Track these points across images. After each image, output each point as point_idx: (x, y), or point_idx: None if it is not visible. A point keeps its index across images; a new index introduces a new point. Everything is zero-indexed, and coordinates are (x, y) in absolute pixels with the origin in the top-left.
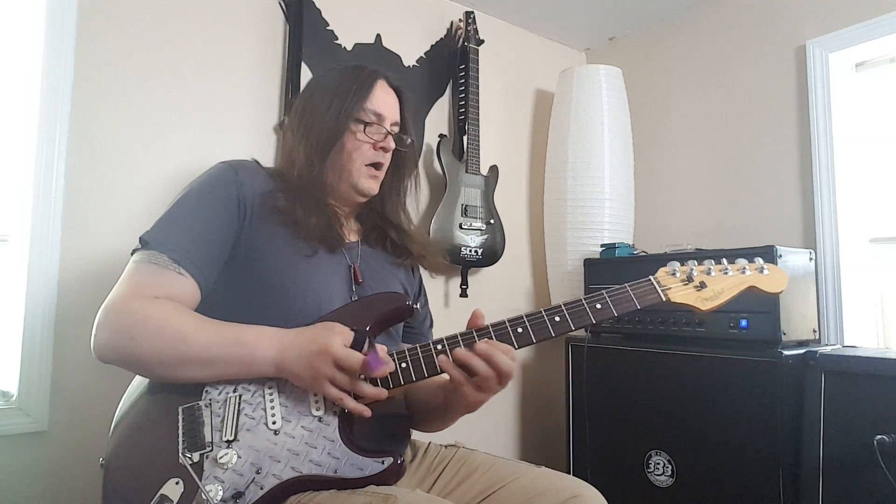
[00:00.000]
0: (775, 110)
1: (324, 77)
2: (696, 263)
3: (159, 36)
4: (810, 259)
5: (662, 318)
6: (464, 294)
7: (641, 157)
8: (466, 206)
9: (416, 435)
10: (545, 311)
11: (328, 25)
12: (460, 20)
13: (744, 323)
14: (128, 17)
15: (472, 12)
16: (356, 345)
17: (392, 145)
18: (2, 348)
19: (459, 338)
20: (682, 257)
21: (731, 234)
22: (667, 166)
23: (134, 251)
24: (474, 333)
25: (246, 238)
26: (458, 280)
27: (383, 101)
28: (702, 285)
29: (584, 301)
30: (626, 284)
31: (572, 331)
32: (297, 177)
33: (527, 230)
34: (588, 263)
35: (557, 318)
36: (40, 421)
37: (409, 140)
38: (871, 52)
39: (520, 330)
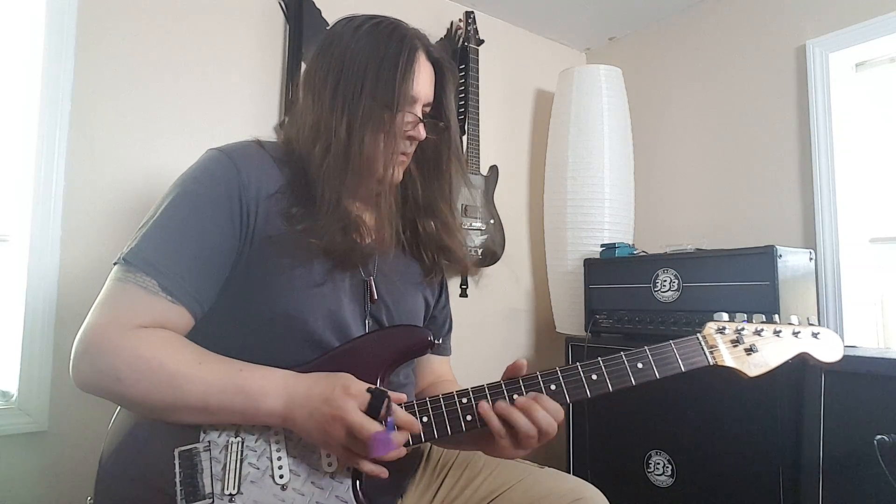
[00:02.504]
0: (775, 110)
1: (354, 38)
2: (745, 318)
3: (159, 36)
4: (810, 259)
5: (662, 319)
6: (464, 294)
7: (641, 157)
8: (466, 206)
9: None
10: (582, 366)
11: (328, 25)
12: (460, 20)
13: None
14: (128, 18)
15: (472, 12)
16: (372, 409)
17: (422, 135)
18: (2, 348)
19: (487, 390)
20: (683, 257)
21: (731, 234)
22: (667, 166)
23: (116, 263)
24: (503, 386)
25: (248, 255)
26: (457, 280)
27: (420, 82)
28: (752, 349)
29: (623, 357)
30: (670, 342)
31: (609, 392)
32: (335, 156)
33: (527, 230)
34: (588, 263)
35: (595, 377)
36: (40, 421)
37: (442, 124)
38: (871, 52)
39: (553, 387)
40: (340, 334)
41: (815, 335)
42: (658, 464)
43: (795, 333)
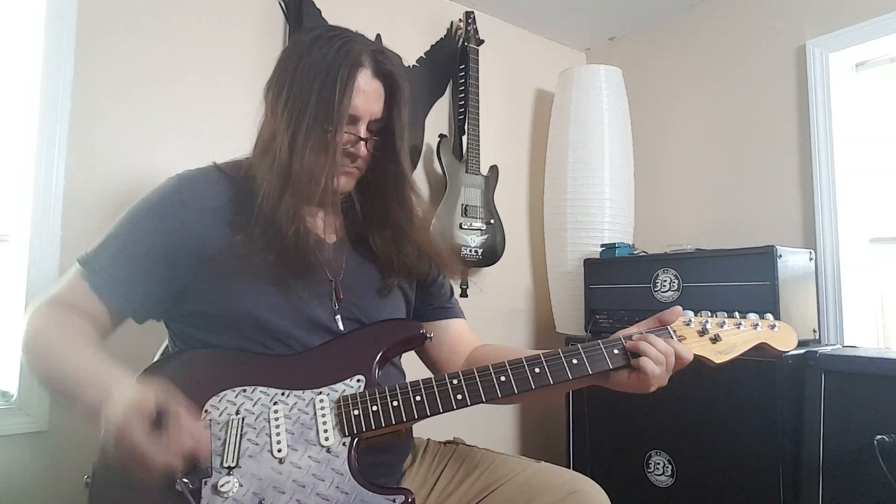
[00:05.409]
0: (775, 110)
1: (307, 53)
2: (709, 315)
3: (159, 36)
4: (810, 259)
5: None
6: (464, 294)
7: (641, 157)
8: (466, 206)
9: (414, 433)
10: (563, 352)
11: None
12: (460, 20)
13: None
14: (128, 18)
15: (472, 12)
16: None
17: (363, 152)
18: (2, 348)
19: (475, 373)
20: (683, 257)
21: (731, 234)
22: (667, 166)
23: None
24: (491, 368)
25: (199, 263)
26: (458, 280)
27: (361, 100)
28: (716, 338)
29: (601, 345)
30: (643, 332)
31: (589, 374)
32: (278, 170)
33: (527, 230)
34: (588, 263)
35: (575, 361)
36: (40, 421)
37: (390, 139)
38: (871, 52)
39: (537, 370)
40: (311, 331)
41: (772, 327)
42: (658, 464)
43: (755, 325)
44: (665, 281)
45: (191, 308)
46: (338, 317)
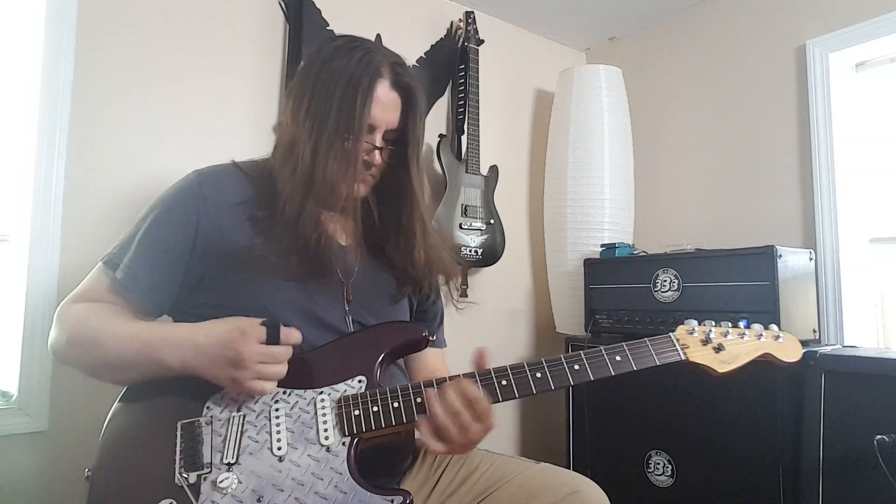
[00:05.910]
0: (775, 110)
1: (329, 62)
2: (713, 324)
3: (159, 35)
4: (810, 259)
5: (662, 319)
6: (463, 294)
7: (641, 157)
8: (466, 206)
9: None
10: (565, 357)
11: (328, 25)
12: (460, 20)
13: (744, 322)
14: (127, 18)
15: (472, 12)
16: (271, 339)
17: (378, 160)
18: (2, 348)
19: (475, 376)
20: (683, 257)
21: (731, 234)
22: (667, 166)
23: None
24: (492, 372)
25: (216, 256)
26: (459, 286)
27: (379, 110)
28: (720, 347)
29: (603, 350)
30: (645, 339)
31: (591, 381)
32: (300, 177)
33: (527, 230)
34: (588, 263)
35: (577, 367)
36: (40, 421)
37: (403, 149)
38: (871, 52)
39: (538, 375)
40: (321, 329)
41: (776, 338)
42: (658, 464)
43: (759, 336)
44: (665, 281)
45: (203, 300)
46: (349, 318)
